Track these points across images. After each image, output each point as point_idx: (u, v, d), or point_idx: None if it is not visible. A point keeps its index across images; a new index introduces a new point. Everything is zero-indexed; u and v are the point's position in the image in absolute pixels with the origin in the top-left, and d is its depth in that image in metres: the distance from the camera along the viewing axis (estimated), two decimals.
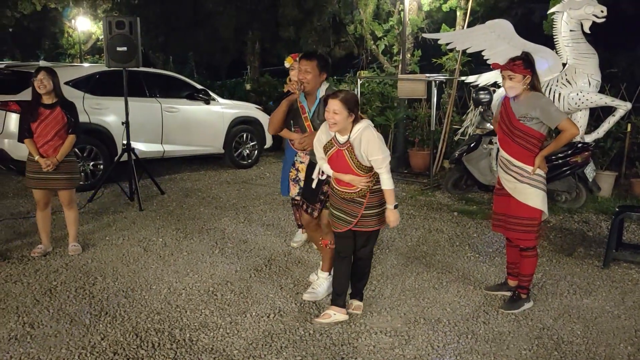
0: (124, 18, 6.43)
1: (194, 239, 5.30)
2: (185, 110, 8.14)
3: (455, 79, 8.53)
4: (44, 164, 4.55)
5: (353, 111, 3.35)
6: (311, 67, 3.65)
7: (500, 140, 3.83)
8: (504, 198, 3.83)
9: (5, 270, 4.44)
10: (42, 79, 4.53)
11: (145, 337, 3.43)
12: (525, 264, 3.84)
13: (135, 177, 6.51)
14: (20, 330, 3.49)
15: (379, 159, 3.37)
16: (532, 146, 3.69)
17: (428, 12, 10.55)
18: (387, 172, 3.41)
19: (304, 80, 3.65)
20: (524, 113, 3.66)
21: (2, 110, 6.64)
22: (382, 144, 3.40)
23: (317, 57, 3.72)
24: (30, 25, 19.87)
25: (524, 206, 3.71)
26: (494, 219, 4.00)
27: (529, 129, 3.67)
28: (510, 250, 4.07)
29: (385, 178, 3.41)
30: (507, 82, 3.69)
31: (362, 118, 3.45)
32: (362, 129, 3.39)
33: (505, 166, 3.79)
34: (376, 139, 3.37)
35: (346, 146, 3.42)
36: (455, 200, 6.92)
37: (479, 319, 3.73)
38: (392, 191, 3.45)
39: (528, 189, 3.70)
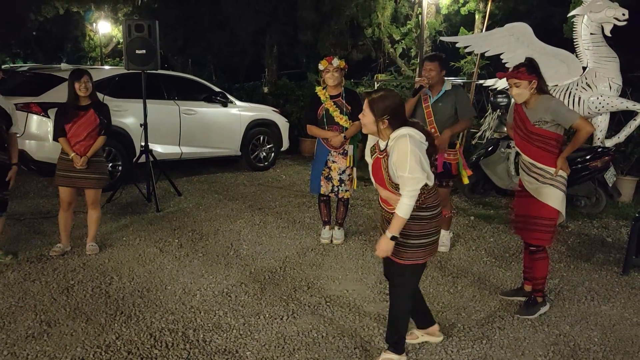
0: (143, 21, 6.51)
1: (210, 241, 5.33)
2: (202, 113, 8.20)
3: (473, 83, 8.47)
4: (77, 161, 4.65)
5: (383, 118, 2.89)
6: (434, 66, 4.67)
7: (519, 144, 3.83)
8: (525, 199, 3.81)
9: (24, 268, 4.51)
10: (86, 82, 4.66)
11: (159, 337, 3.45)
12: (537, 266, 3.82)
13: (152, 178, 6.57)
14: (38, 328, 3.54)
15: (403, 178, 2.81)
16: (552, 147, 3.70)
17: (446, 15, 10.53)
18: (410, 198, 2.82)
19: (430, 76, 4.67)
20: (539, 117, 3.67)
21: (24, 112, 6.75)
22: (415, 161, 2.79)
23: (438, 59, 4.76)
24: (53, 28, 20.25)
25: (545, 206, 3.70)
26: (513, 221, 3.97)
27: (546, 132, 3.67)
28: (526, 254, 4.03)
29: (404, 203, 2.83)
30: (514, 90, 3.70)
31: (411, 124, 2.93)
32: (397, 137, 2.85)
33: (527, 169, 3.78)
34: (407, 153, 2.78)
35: (384, 155, 2.96)
36: (472, 205, 6.86)
37: (494, 325, 3.69)
38: (401, 220, 2.86)
39: (549, 189, 3.69)
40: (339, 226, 5.38)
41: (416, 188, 2.83)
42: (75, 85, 4.66)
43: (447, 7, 10.12)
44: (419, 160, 2.81)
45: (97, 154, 4.81)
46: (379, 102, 2.90)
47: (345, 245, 5.25)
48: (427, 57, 4.88)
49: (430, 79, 4.67)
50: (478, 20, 9.77)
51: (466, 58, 9.19)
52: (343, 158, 5.11)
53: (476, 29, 9.76)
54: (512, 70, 3.71)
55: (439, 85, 4.75)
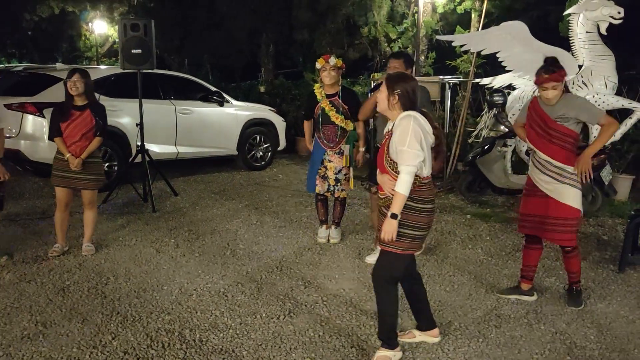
0: (139, 21, 6.49)
1: (206, 240, 5.33)
2: (199, 112, 8.19)
3: (470, 81, 8.48)
4: (72, 162, 4.62)
5: (394, 93, 2.97)
6: (399, 63, 4.37)
7: (535, 142, 3.79)
8: (539, 199, 3.79)
9: (19, 269, 4.49)
10: (75, 81, 4.61)
11: (156, 337, 3.44)
12: (571, 262, 3.89)
13: (149, 178, 6.56)
14: (33, 329, 3.53)
15: (402, 151, 2.87)
16: (570, 145, 3.71)
17: (442, 14, 10.53)
18: (408, 174, 2.87)
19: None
20: (561, 114, 3.66)
21: (19, 112, 6.73)
22: (416, 139, 2.86)
23: (403, 56, 4.54)
24: (48, 28, 20.15)
25: (565, 206, 3.71)
26: (522, 220, 3.94)
27: (566, 129, 3.67)
28: (528, 253, 4.03)
29: (401, 179, 2.88)
30: (550, 92, 3.64)
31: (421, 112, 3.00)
32: (404, 116, 2.95)
33: (543, 167, 3.76)
34: (410, 130, 2.87)
35: (389, 134, 3.05)
36: (468, 203, 6.87)
37: (491, 323, 3.69)
38: (402, 197, 2.89)
39: (568, 189, 3.70)
40: (336, 225, 5.38)
41: (414, 164, 2.88)
42: (67, 85, 4.63)
43: (443, 5, 10.13)
44: (420, 139, 2.89)
45: (93, 154, 4.78)
46: (395, 79, 3.07)
47: (342, 244, 5.25)
48: (392, 54, 4.63)
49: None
50: (474, 18, 9.78)
51: (462, 57, 9.20)
52: (339, 158, 5.11)
53: (472, 28, 9.76)
54: (552, 74, 3.61)
55: None
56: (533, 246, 3.99)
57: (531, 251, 4.01)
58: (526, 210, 3.91)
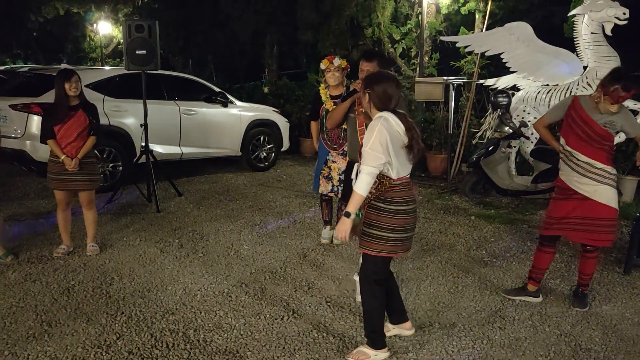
0: (143, 22, 6.50)
1: (210, 241, 5.33)
2: (203, 113, 8.20)
3: (474, 82, 8.46)
4: (68, 163, 4.61)
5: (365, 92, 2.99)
6: (372, 66, 3.91)
7: (576, 145, 3.76)
8: (576, 202, 3.77)
9: (24, 269, 4.51)
10: (76, 81, 4.61)
11: (160, 337, 3.45)
12: (589, 264, 3.92)
13: (153, 179, 6.57)
14: (39, 328, 3.54)
15: (365, 152, 2.89)
16: (609, 148, 3.75)
17: (446, 15, 10.50)
18: (367, 174, 2.87)
19: None
20: (610, 120, 3.68)
21: (24, 113, 6.75)
22: (378, 140, 2.86)
23: (377, 57, 4.04)
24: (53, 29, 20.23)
25: (606, 207, 3.72)
26: (550, 223, 3.90)
27: (609, 134, 3.71)
28: (541, 256, 4.01)
29: (361, 179, 2.88)
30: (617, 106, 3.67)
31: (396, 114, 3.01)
32: (376, 118, 2.96)
33: (584, 170, 3.74)
34: (375, 132, 2.87)
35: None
36: (472, 204, 6.86)
37: (495, 325, 3.69)
38: (359, 197, 2.89)
39: (608, 190, 3.72)
40: None
41: (373, 165, 2.87)
42: (65, 86, 4.59)
43: (447, 6, 10.09)
44: (384, 141, 2.87)
45: (88, 154, 4.76)
46: (370, 78, 3.08)
47: (346, 245, 5.24)
48: (364, 54, 4.00)
49: None
50: (478, 19, 9.75)
51: (466, 58, 9.17)
52: (343, 159, 5.10)
53: (476, 29, 9.74)
54: (630, 91, 3.62)
55: None
56: (548, 249, 3.98)
57: (545, 254, 3.99)
58: (559, 214, 3.85)
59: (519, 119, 6.86)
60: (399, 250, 3.12)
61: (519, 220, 6.17)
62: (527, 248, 5.22)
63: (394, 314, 3.41)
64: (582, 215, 3.75)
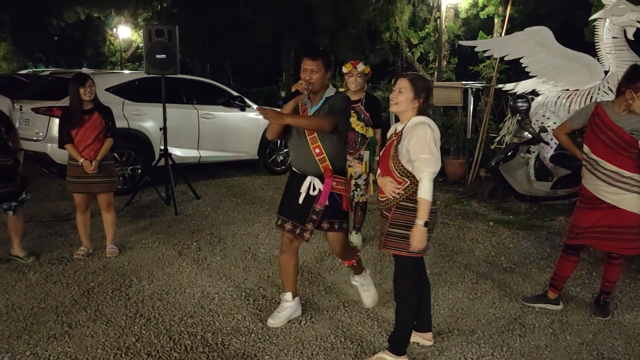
0: (163, 26, 6.56)
1: (228, 244, 5.35)
2: (221, 117, 8.25)
3: (492, 87, 8.41)
4: (87, 166, 4.66)
5: (420, 96, 3.01)
6: (317, 66, 3.37)
7: (602, 153, 3.66)
8: (603, 211, 3.69)
9: (45, 270, 4.57)
10: (91, 86, 4.67)
11: (179, 340, 3.47)
12: (613, 271, 3.86)
13: (171, 181, 6.62)
14: (59, 329, 3.58)
15: (424, 159, 2.90)
16: (635, 155, 3.66)
17: (465, 19, 10.45)
18: (430, 180, 2.91)
19: (310, 80, 3.36)
20: (636, 128, 3.61)
21: (46, 116, 6.85)
22: (434, 146, 2.93)
23: (322, 56, 3.45)
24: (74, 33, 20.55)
25: (635, 215, 3.65)
26: (575, 232, 3.82)
27: (636, 141, 3.63)
28: (564, 264, 3.94)
29: (424, 186, 2.91)
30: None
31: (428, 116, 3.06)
32: (419, 122, 2.98)
33: (611, 179, 3.64)
34: (427, 138, 2.91)
35: (398, 135, 3.06)
36: (491, 210, 6.80)
37: (515, 332, 3.64)
38: (428, 204, 2.91)
39: (637, 199, 3.64)
40: (357, 231, 5.37)
41: (435, 170, 2.93)
42: (80, 91, 4.64)
43: (466, 11, 10.05)
44: (437, 145, 2.97)
45: (106, 157, 4.82)
46: (420, 81, 3.06)
47: (363, 250, 5.23)
48: (308, 54, 3.48)
49: (312, 83, 3.37)
50: (497, 24, 9.70)
51: (485, 62, 9.12)
52: (359, 163, 5.10)
53: (495, 33, 9.68)
54: None
55: (321, 92, 3.46)
56: (572, 258, 3.91)
57: (568, 263, 3.93)
58: (585, 223, 3.76)
59: (538, 124, 6.80)
60: (424, 249, 3.10)
61: (538, 226, 6.10)
62: (547, 254, 5.16)
63: (419, 319, 3.35)
64: (609, 224, 3.67)
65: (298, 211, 3.46)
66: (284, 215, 3.57)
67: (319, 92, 3.45)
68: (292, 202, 3.47)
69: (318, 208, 3.41)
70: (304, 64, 3.40)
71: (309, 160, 3.39)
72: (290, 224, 3.52)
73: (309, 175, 3.41)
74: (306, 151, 3.39)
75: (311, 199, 3.42)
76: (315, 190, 3.39)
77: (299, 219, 3.48)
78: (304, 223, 3.46)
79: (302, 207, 3.44)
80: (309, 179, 3.40)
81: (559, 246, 5.20)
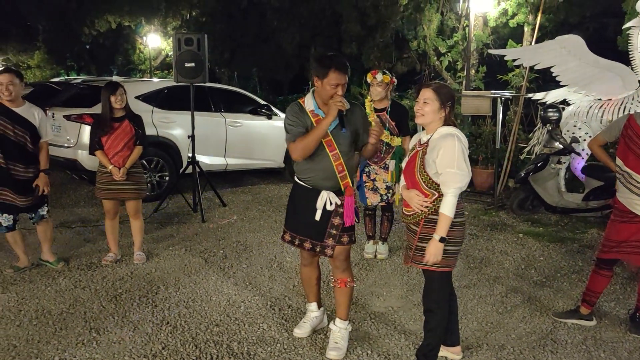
0: (193, 35, 6.63)
1: (254, 252, 5.35)
2: (248, 125, 8.29)
3: (522, 96, 8.28)
4: (116, 173, 4.71)
5: (446, 105, 2.94)
6: (345, 79, 3.16)
7: (636, 165, 3.56)
8: (637, 225, 3.59)
9: (74, 275, 4.62)
10: (122, 94, 4.73)
11: (205, 349, 3.46)
12: None
13: (199, 189, 6.67)
14: (87, 335, 3.61)
15: (451, 174, 2.83)
16: None
17: (494, 27, 10.34)
18: (454, 196, 2.85)
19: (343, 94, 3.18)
20: None
21: (77, 123, 6.98)
22: (463, 160, 2.85)
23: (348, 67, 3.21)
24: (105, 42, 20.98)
25: None
26: (609, 246, 3.72)
27: None
28: (597, 279, 3.84)
29: (448, 201, 2.84)
30: None
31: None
32: (447, 133, 2.90)
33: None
34: (456, 151, 2.83)
35: (423, 146, 2.99)
36: (520, 221, 6.67)
37: (546, 348, 3.55)
38: (448, 220, 2.86)
39: None
40: (383, 241, 5.32)
41: (461, 186, 2.86)
42: (111, 99, 4.70)
43: (495, 19, 9.94)
44: (467, 159, 2.88)
45: (135, 164, 4.87)
46: (444, 90, 2.99)
47: (389, 260, 5.18)
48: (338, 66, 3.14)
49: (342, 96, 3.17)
50: (527, 32, 9.55)
51: (514, 71, 9.00)
52: (385, 172, 5.06)
53: (525, 42, 9.54)
54: None
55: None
56: (605, 273, 3.80)
57: (601, 277, 3.82)
58: (619, 237, 3.66)
59: (569, 134, 6.66)
60: (454, 264, 3.05)
61: (568, 238, 5.96)
62: (579, 268, 5.04)
63: (447, 333, 3.28)
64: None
65: (316, 228, 3.30)
66: (298, 233, 3.39)
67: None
68: (307, 218, 3.30)
69: (337, 222, 3.27)
70: (337, 79, 3.10)
71: (329, 177, 3.23)
72: (309, 243, 3.35)
73: (324, 190, 3.25)
74: (327, 167, 3.21)
75: (328, 214, 3.26)
76: (332, 205, 3.24)
77: (317, 236, 3.31)
78: (323, 239, 3.30)
79: (319, 223, 3.28)
80: (325, 194, 3.24)
81: (592, 260, 5.07)
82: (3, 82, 4.22)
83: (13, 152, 4.35)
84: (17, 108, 4.36)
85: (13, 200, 4.42)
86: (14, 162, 4.36)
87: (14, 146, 4.34)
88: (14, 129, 4.32)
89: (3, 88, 4.23)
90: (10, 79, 4.27)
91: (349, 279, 3.40)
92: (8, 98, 4.27)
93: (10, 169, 4.35)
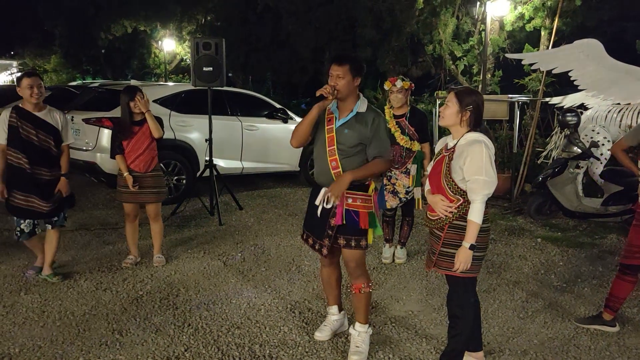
0: (211, 39, 6.67)
1: (272, 255, 5.37)
2: (264, 129, 8.33)
3: (539, 100, 8.24)
4: (130, 180, 4.75)
5: (465, 109, 2.91)
6: (343, 71, 3.16)
7: None
8: None
9: (96, 277, 4.67)
10: (141, 98, 4.76)
11: (227, 351, 3.48)
12: None
13: (216, 192, 6.71)
14: (110, 337, 3.64)
15: (479, 181, 2.81)
16: None
17: (510, 31, 10.30)
18: (482, 203, 2.84)
19: (336, 86, 3.16)
20: None
21: (96, 126, 7.05)
22: (490, 167, 2.83)
23: (350, 61, 3.20)
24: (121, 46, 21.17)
25: None
26: (631, 251, 3.70)
27: None
28: (621, 284, 3.80)
29: (476, 208, 2.84)
30: None
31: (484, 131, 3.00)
32: (473, 139, 2.89)
33: None
34: (484, 157, 2.81)
35: (450, 152, 2.98)
36: (538, 226, 6.63)
37: (570, 354, 3.52)
38: (477, 227, 2.85)
39: None
40: (402, 245, 5.31)
41: (489, 192, 2.85)
42: (130, 103, 4.74)
43: (512, 23, 9.91)
44: (494, 166, 2.86)
45: (155, 167, 4.91)
46: (466, 94, 2.96)
47: (408, 264, 5.17)
48: (334, 59, 3.26)
49: (337, 90, 3.17)
50: (544, 36, 9.51)
51: (531, 75, 8.96)
52: (406, 177, 5.06)
53: (542, 46, 9.50)
54: None
55: (350, 101, 3.26)
56: (629, 278, 3.77)
57: (625, 283, 3.79)
58: (636, 242, 3.65)
59: (587, 138, 6.62)
60: (479, 269, 3.04)
61: (587, 244, 5.92)
62: (599, 274, 4.99)
63: (471, 340, 3.26)
64: None
65: (317, 225, 3.34)
66: (306, 229, 3.48)
67: (347, 99, 3.23)
68: (312, 215, 3.37)
69: (333, 223, 3.25)
70: (331, 69, 3.19)
71: (324, 172, 3.27)
72: (311, 239, 3.43)
73: (324, 187, 3.25)
74: (323, 163, 3.26)
75: (327, 212, 3.26)
76: (329, 203, 3.21)
77: (318, 234, 3.35)
78: (322, 238, 3.33)
79: (319, 220, 3.30)
80: (323, 191, 3.23)
81: (614, 265, 5.04)
82: (33, 85, 4.26)
83: (38, 157, 4.35)
84: (39, 112, 4.39)
85: (39, 207, 4.39)
86: (39, 167, 4.37)
87: (39, 151, 4.35)
88: (37, 134, 4.34)
89: (34, 90, 4.26)
90: (39, 81, 4.32)
91: (364, 284, 3.36)
92: (36, 100, 4.30)
93: (35, 174, 4.37)
